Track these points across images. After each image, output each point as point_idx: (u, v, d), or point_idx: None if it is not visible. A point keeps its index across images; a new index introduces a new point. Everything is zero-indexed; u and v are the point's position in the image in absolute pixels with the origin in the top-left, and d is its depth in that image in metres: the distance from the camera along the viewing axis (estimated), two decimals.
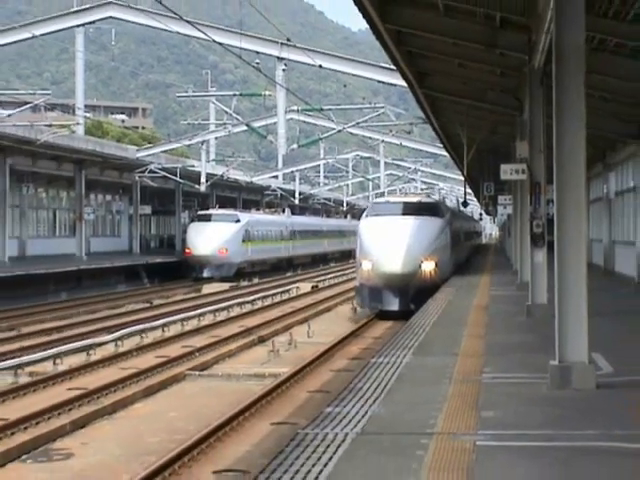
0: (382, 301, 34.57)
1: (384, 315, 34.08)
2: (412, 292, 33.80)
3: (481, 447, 9.42)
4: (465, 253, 59.76)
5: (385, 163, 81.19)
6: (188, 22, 35.22)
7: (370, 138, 68.80)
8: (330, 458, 9.03)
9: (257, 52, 38.97)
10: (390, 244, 34.54)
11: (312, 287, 52.66)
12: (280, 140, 44.79)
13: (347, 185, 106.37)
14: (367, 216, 38.51)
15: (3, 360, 23.07)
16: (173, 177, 66.03)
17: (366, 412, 11.23)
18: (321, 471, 8.55)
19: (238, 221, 65.64)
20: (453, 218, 45.83)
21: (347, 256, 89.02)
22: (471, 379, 13.60)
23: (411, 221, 36.16)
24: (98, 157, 59.88)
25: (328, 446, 9.51)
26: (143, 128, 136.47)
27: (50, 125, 51.41)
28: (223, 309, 38.11)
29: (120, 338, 27.32)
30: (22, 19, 43.52)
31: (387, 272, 34.02)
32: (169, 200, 74.35)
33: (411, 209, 37.58)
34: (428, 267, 34.78)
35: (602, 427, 10.36)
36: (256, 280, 62.68)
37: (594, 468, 8.73)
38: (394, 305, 34.16)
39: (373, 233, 35.93)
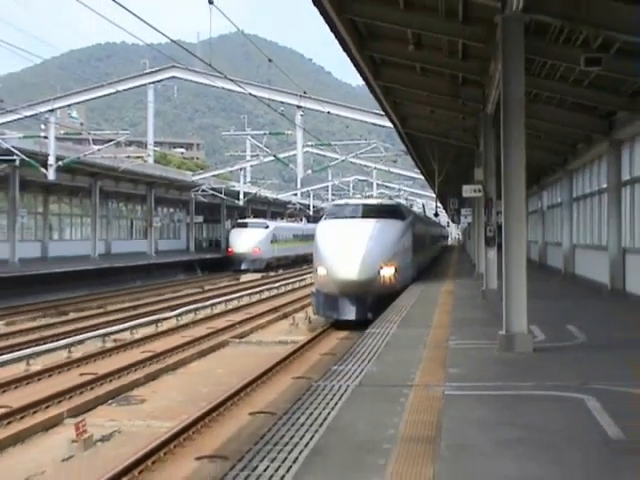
0: (338, 310, 24.77)
1: (340, 325, 24.85)
2: (370, 300, 24.40)
3: (448, 395, 9.46)
4: (431, 255, 49.04)
5: (377, 184, 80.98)
6: (231, 80, 35.25)
7: (366, 166, 68.81)
8: (336, 403, 9.09)
9: (281, 102, 38.91)
10: (346, 248, 24.90)
11: None
12: (298, 167, 44.71)
13: None
14: (326, 218, 28.60)
15: (94, 330, 23.18)
16: (219, 195, 66.05)
17: (362, 370, 11.24)
18: (329, 413, 8.61)
19: (267, 227, 65.73)
20: (416, 221, 34.92)
21: None
22: (440, 345, 13.60)
23: (370, 224, 26.30)
24: (164, 180, 60.05)
25: (334, 395, 9.54)
26: (197, 158, 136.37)
27: (128, 156, 51.50)
28: (256, 293, 38.12)
29: (180, 314, 27.43)
30: (109, 78, 43.58)
31: (343, 279, 24.33)
32: (216, 212, 74.35)
33: (370, 211, 27.54)
34: (387, 273, 25.24)
35: (537, 380, 10.38)
36: (281, 271, 62.71)
37: (531, 410, 8.77)
38: (350, 314, 24.48)
39: (329, 236, 26.07)
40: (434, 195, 64.31)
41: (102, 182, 52.58)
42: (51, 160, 40.33)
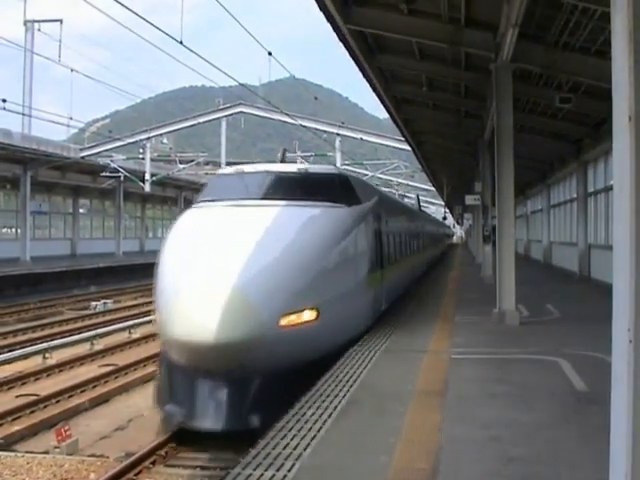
0: (192, 404, 7.94)
1: (194, 438, 8.15)
2: (258, 385, 8.00)
3: (453, 358, 9.48)
4: (432, 254, 34.22)
5: (399, 195, 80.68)
6: (285, 113, 35.36)
7: (390, 180, 68.50)
8: (368, 362, 9.16)
9: (324, 130, 38.94)
10: (210, 271, 7.88)
11: None
12: None
13: None
14: (196, 204, 10.76)
15: None
16: None
17: (388, 338, 11.29)
18: (362, 372, 8.66)
19: None
20: (388, 210, 15.14)
21: None
22: (448, 319, 13.59)
23: (274, 214, 9.15)
24: None
25: (366, 358, 9.58)
26: None
27: (206, 173, 51.79)
28: None
29: None
30: (191, 113, 44.04)
31: (191, 342, 7.51)
32: None
33: (282, 189, 9.93)
34: (299, 320, 8.24)
35: (522, 347, 10.38)
36: None
37: (516, 369, 8.79)
38: (213, 419, 7.75)
39: (183, 243, 8.94)
40: (443, 203, 64.33)
41: (186, 193, 53.07)
42: (147, 176, 40.86)
